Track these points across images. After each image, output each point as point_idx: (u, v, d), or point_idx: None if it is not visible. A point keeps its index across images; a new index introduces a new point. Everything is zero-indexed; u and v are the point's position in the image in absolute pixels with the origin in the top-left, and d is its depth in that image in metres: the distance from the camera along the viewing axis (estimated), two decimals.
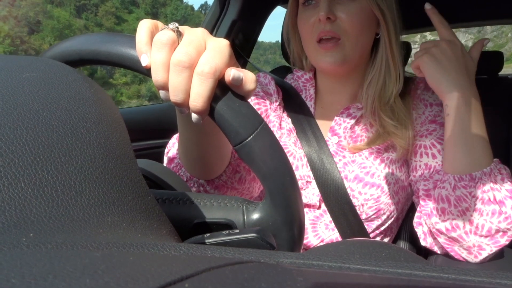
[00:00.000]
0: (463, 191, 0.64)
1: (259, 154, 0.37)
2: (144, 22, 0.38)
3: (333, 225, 0.77)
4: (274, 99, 0.84)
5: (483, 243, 0.64)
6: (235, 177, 0.66)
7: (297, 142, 0.81)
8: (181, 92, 0.36)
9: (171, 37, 0.36)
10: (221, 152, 0.59)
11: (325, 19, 0.72)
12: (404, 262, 0.24)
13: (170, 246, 0.24)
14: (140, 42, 0.37)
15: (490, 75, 1.72)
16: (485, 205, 0.62)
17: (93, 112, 0.29)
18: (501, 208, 0.62)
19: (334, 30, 0.73)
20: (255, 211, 0.40)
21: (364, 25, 0.74)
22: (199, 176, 0.62)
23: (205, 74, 0.35)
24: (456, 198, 0.64)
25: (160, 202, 0.41)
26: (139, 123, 1.38)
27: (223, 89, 0.37)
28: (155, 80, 0.37)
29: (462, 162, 0.65)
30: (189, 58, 0.36)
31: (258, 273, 0.19)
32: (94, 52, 0.39)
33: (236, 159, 0.66)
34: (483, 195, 0.62)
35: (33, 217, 0.22)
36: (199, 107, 0.36)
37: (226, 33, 1.44)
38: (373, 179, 0.76)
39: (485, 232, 0.63)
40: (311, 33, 0.76)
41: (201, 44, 0.37)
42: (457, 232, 0.65)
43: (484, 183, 0.62)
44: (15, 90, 0.27)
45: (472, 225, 0.63)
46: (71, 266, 0.16)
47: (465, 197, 0.63)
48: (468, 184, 0.63)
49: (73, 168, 0.25)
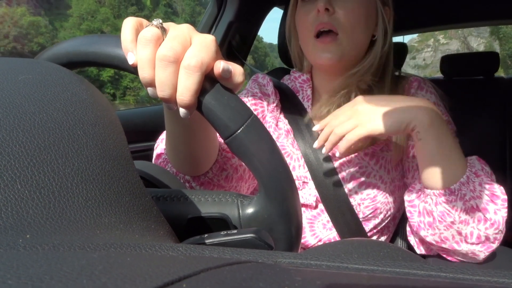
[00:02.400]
0: (445, 206, 0.63)
1: (249, 147, 0.36)
2: (129, 20, 0.38)
3: (330, 225, 0.78)
4: (271, 100, 0.84)
5: (476, 250, 0.64)
6: (221, 174, 0.66)
7: (295, 143, 0.81)
8: (168, 87, 0.36)
9: (156, 33, 0.36)
10: (207, 149, 0.59)
11: (324, 9, 0.72)
12: (402, 261, 0.24)
13: (168, 246, 0.24)
14: (125, 40, 0.37)
15: (486, 75, 1.73)
16: (469, 214, 0.62)
17: (89, 114, 0.29)
18: (485, 215, 0.61)
19: (332, 22, 0.73)
20: (250, 205, 0.39)
21: (361, 21, 0.75)
22: (185, 172, 0.62)
23: (191, 67, 0.35)
24: (440, 214, 0.64)
25: (154, 200, 0.41)
26: (136, 124, 1.38)
27: (211, 83, 0.37)
28: (142, 77, 0.37)
29: (438, 178, 0.63)
30: (174, 52, 0.36)
31: (256, 273, 0.19)
32: (82, 54, 0.39)
33: (223, 157, 0.66)
34: (465, 205, 0.62)
35: (30, 218, 0.22)
36: (187, 101, 0.36)
37: (222, 34, 1.44)
38: (369, 178, 0.76)
39: (475, 240, 0.63)
40: (309, 27, 0.76)
41: (186, 39, 0.37)
42: (447, 243, 0.65)
43: (464, 193, 0.62)
44: (11, 92, 0.27)
45: (461, 235, 0.63)
46: (68, 267, 0.16)
47: (449, 212, 0.63)
48: (449, 199, 0.63)
49: (70, 170, 0.25)
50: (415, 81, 0.82)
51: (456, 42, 54.60)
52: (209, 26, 1.47)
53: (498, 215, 0.61)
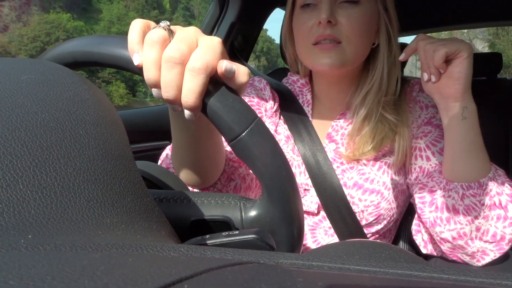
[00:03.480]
0: (472, 199, 0.63)
1: (254, 150, 0.36)
2: (136, 22, 0.38)
3: (332, 231, 0.77)
4: (269, 105, 0.82)
5: (487, 248, 0.63)
6: (229, 185, 0.66)
7: (295, 149, 0.80)
8: (173, 88, 0.36)
9: (162, 35, 0.36)
10: (214, 159, 0.59)
11: (326, 22, 0.70)
12: (404, 263, 0.24)
13: (170, 247, 0.24)
14: (132, 41, 0.37)
15: (489, 76, 1.72)
16: (491, 211, 0.62)
17: (91, 114, 0.29)
18: (506, 213, 0.61)
19: (334, 34, 0.71)
20: (253, 208, 0.39)
21: (364, 31, 0.73)
22: (193, 184, 0.62)
23: (196, 69, 0.35)
24: (465, 208, 0.63)
25: (157, 202, 0.41)
26: (138, 125, 1.38)
27: (216, 85, 0.37)
28: (147, 78, 0.37)
29: (471, 169, 0.63)
30: (180, 54, 0.36)
31: (258, 274, 0.19)
32: (88, 54, 0.39)
33: (231, 167, 0.66)
34: (490, 201, 0.62)
35: (32, 218, 0.22)
36: (191, 103, 0.36)
37: (225, 35, 1.44)
38: (373, 185, 0.75)
39: (490, 238, 0.63)
40: (307, 36, 0.74)
41: (193, 41, 0.37)
42: (464, 239, 0.65)
43: (491, 188, 0.62)
44: (13, 92, 0.27)
45: (479, 231, 0.63)
46: (70, 268, 0.15)
47: (475, 206, 0.63)
48: (477, 192, 0.62)
49: (72, 170, 0.25)
50: (416, 84, 0.82)
51: None
52: (211, 27, 1.47)
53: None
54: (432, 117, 0.77)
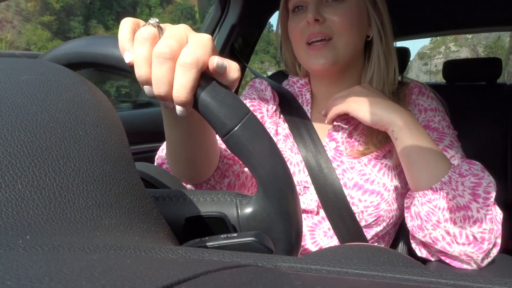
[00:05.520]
0: (429, 205, 0.65)
1: (247, 144, 0.36)
2: (126, 21, 0.38)
3: (331, 233, 0.77)
4: (270, 106, 0.84)
5: (468, 251, 0.64)
6: (223, 182, 0.66)
7: (294, 147, 0.81)
8: (164, 84, 0.36)
9: (152, 32, 0.37)
10: (208, 154, 0.59)
11: (313, 20, 0.74)
12: (402, 267, 0.24)
13: (168, 249, 0.24)
14: (122, 39, 0.37)
15: (488, 81, 1.73)
16: (454, 213, 0.63)
17: (91, 115, 0.29)
18: (467, 213, 0.62)
19: (324, 31, 0.75)
20: (249, 205, 0.39)
21: (354, 24, 0.76)
22: (187, 180, 0.62)
23: (187, 64, 0.35)
24: (425, 214, 0.65)
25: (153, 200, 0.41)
26: (137, 126, 1.38)
27: (207, 80, 0.37)
28: (138, 75, 0.37)
29: (420, 178, 0.66)
30: (170, 49, 0.36)
31: (256, 277, 0.19)
32: (80, 55, 0.39)
33: (225, 164, 0.66)
34: (448, 204, 0.63)
35: (30, 219, 0.22)
36: (183, 98, 0.36)
37: (225, 37, 1.45)
38: (373, 186, 0.75)
39: (464, 240, 0.63)
40: (301, 37, 0.78)
41: (183, 38, 0.37)
42: (439, 244, 0.66)
43: (447, 192, 0.63)
44: (13, 92, 0.27)
45: (450, 235, 0.64)
46: (68, 269, 0.15)
47: (432, 211, 0.64)
48: (432, 198, 0.64)
49: (71, 171, 0.25)
50: (415, 87, 0.82)
51: (466, 50, 55.22)
52: (212, 29, 1.47)
53: (481, 213, 0.62)
54: (430, 120, 0.79)
